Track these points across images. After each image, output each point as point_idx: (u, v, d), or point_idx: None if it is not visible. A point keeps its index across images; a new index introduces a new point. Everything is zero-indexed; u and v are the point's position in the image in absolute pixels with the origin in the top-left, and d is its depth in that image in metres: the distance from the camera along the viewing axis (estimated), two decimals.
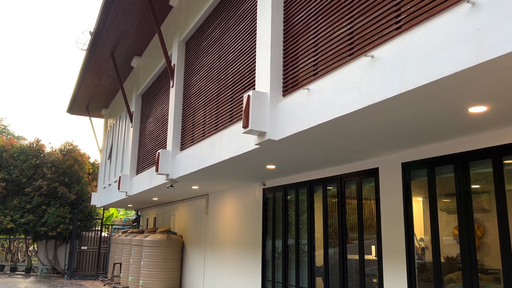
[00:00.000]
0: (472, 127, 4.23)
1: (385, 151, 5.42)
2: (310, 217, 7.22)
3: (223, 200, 10.57)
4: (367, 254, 6.09)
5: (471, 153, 4.55)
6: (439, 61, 2.98)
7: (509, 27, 2.54)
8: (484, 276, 4.78)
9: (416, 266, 5.25)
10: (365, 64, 3.71)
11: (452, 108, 3.65)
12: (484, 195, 4.77)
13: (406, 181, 5.36)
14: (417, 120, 4.04)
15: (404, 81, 3.27)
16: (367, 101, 3.63)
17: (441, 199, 5.11)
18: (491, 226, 4.69)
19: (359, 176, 6.18)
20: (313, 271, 7.03)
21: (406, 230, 5.27)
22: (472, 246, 4.49)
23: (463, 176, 4.63)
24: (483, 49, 2.68)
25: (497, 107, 3.57)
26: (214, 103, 7.20)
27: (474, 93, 3.26)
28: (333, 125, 4.24)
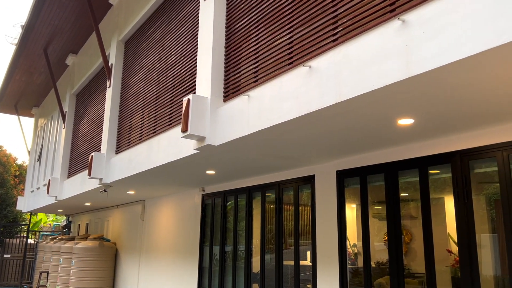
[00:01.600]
0: (401, 138, 4.47)
1: (321, 159, 5.57)
2: (249, 223, 7.24)
3: (160, 206, 10.31)
4: (303, 260, 6.20)
5: (400, 162, 4.80)
6: (371, 74, 3.11)
7: (434, 45, 2.71)
8: (410, 280, 5.05)
9: (348, 271, 5.43)
10: (303, 74, 3.79)
11: (383, 120, 3.83)
12: (412, 202, 5.04)
13: (340, 188, 5.54)
14: (351, 130, 4.19)
15: (339, 92, 3.37)
16: (304, 109, 3.71)
17: (373, 206, 5.34)
18: (418, 232, 4.96)
19: (297, 183, 6.30)
20: (250, 277, 7.03)
21: (340, 236, 5.44)
22: (400, 251, 4.72)
23: (393, 185, 4.87)
24: (411, 64, 2.84)
25: (423, 119, 3.79)
26: (153, 105, 7.01)
27: (402, 106, 3.43)
28: (272, 132, 4.29)
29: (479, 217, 6.07)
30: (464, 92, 3.10)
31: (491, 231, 4.66)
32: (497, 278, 4.43)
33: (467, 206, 4.13)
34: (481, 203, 5.97)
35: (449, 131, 4.14)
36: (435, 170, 4.63)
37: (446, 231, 5.15)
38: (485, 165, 4.18)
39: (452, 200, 4.31)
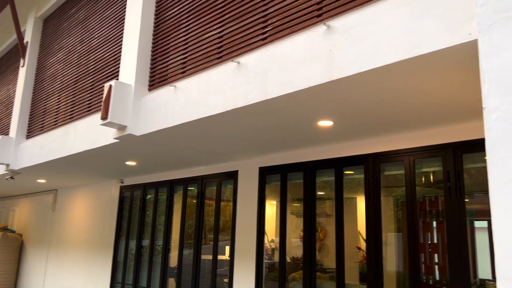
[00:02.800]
0: (320, 139, 4.66)
1: (246, 155, 5.64)
2: (168, 218, 7.11)
3: (74, 196, 9.73)
4: (221, 255, 6.23)
5: (318, 162, 5.01)
6: (296, 75, 3.21)
7: (355, 52, 2.86)
8: (322, 275, 5.30)
9: (265, 266, 5.57)
10: (231, 69, 3.80)
11: (305, 120, 3.97)
12: (328, 201, 5.30)
13: (262, 184, 5.65)
14: (275, 128, 4.28)
15: (265, 90, 3.43)
16: (231, 105, 3.72)
17: (292, 203, 5.52)
18: (332, 229, 5.22)
19: (220, 178, 6.31)
20: (166, 272, 6.91)
21: (258, 231, 5.55)
22: (314, 247, 4.93)
23: (311, 183, 5.07)
24: (333, 68, 2.97)
25: (341, 122, 3.99)
26: (71, 89, 6.59)
27: (323, 108, 3.59)
28: (197, 125, 4.24)
29: (387, 217, 6.54)
30: (379, 99, 3.32)
31: (396, 230, 5.04)
32: (399, 273, 4.81)
33: (376, 206, 4.43)
34: (390, 204, 6.44)
35: (364, 135, 4.41)
36: (350, 171, 4.91)
37: (357, 229, 5.49)
38: (394, 168, 4.51)
39: (363, 200, 4.59)
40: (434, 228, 4.85)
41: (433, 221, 4.76)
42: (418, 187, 4.24)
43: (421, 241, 6.17)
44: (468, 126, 3.85)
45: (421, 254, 6.16)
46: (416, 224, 4.17)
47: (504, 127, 1.97)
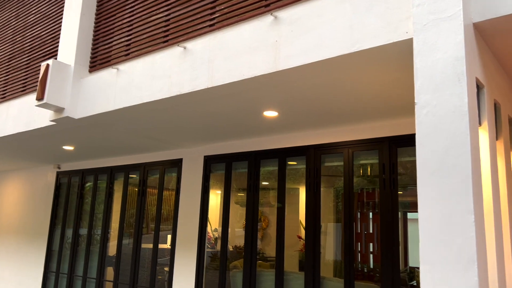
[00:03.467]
0: (265, 129, 4.72)
1: (191, 143, 5.57)
2: (108, 206, 6.88)
3: (5, 182, 9.14)
4: (163, 244, 6.15)
5: (263, 152, 5.07)
6: (243, 63, 3.21)
7: (300, 44, 2.91)
8: (263, 263, 5.40)
9: (207, 255, 5.57)
10: (177, 54, 3.72)
11: (251, 110, 3.99)
12: (272, 191, 5.38)
13: (206, 173, 5.63)
14: (221, 117, 4.27)
15: (211, 77, 3.40)
16: (175, 90, 3.65)
17: (237, 193, 5.54)
18: (274, 219, 5.31)
19: (163, 165, 6.20)
20: (104, 260, 6.71)
21: (201, 220, 5.53)
22: (255, 236, 5.00)
23: (255, 173, 5.12)
24: (279, 59, 3.00)
25: (286, 113, 4.06)
26: (4, 67, 6.15)
27: (269, 98, 3.62)
28: (140, 110, 4.13)
29: (328, 207, 6.77)
30: (322, 91, 3.40)
31: (336, 221, 5.23)
32: (337, 262, 5.01)
33: (316, 196, 4.56)
34: (331, 195, 6.67)
35: (307, 126, 4.51)
36: (293, 161, 5.01)
37: (298, 219, 5.63)
38: (334, 160, 4.66)
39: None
40: (371, 218, 5.09)
41: (370, 212, 5.00)
42: (357, 179, 4.43)
43: (358, 231, 6.45)
44: (404, 121, 4.06)
45: (358, 243, 6.45)
46: (352, 214, 4.34)
47: (433, 121, 2.10)
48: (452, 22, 2.12)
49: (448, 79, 2.08)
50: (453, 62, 2.08)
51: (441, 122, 2.07)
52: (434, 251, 1.99)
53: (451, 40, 2.10)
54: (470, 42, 2.19)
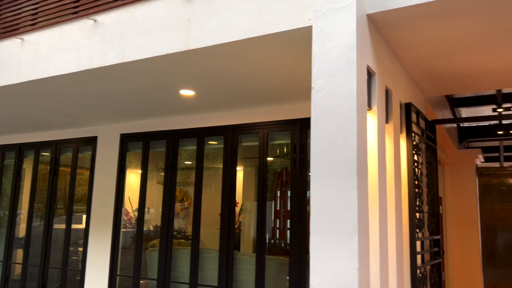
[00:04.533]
0: (184, 108, 4.71)
1: (106, 120, 5.40)
2: (16, 185, 6.47)
3: None
4: (78, 224, 5.95)
5: (181, 131, 5.06)
6: (155, 40, 3.17)
7: (212, 24, 2.94)
8: (185, 242, 5.45)
9: (127, 235, 5.51)
10: (87, 27, 3.57)
11: (167, 88, 3.96)
12: (193, 170, 5.41)
13: (123, 152, 5.50)
14: (136, 94, 4.18)
15: (122, 52, 3.32)
16: (85, 64, 3.52)
17: (159, 173, 5.49)
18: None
19: (77, 143, 5.94)
20: (12, 242, 6.34)
21: (117, 200, 5.42)
22: (171, 215, 5.02)
23: (173, 152, 5.11)
24: (191, 38, 3.01)
25: (202, 93, 4.09)
26: None
27: (184, 77, 3.62)
28: (48, 84, 3.92)
29: (248, 186, 6.95)
30: (235, 73, 3.47)
31: (255, 199, 5.39)
32: (254, 238, 5.20)
33: (232, 175, 4.68)
34: (251, 174, 6.84)
35: (224, 106, 4.58)
36: (213, 141, 5.08)
37: (220, 198, 5.72)
38: (250, 140, 4.80)
39: None
40: (289, 196, 5.33)
41: (288, 190, 5.23)
42: (277, 159, 4.60)
43: (277, 208, 6.72)
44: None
45: (276, 220, 6.73)
46: (265, 192, 4.52)
47: (326, 104, 2.26)
48: (346, 12, 2.27)
49: (341, 66, 2.24)
50: (345, 50, 2.24)
51: (333, 106, 2.24)
52: (322, 223, 2.17)
53: (345, 29, 2.26)
54: (362, 31, 2.37)
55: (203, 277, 4.77)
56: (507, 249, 7.57)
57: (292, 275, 4.12)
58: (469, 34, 2.74)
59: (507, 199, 7.71)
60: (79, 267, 5.67)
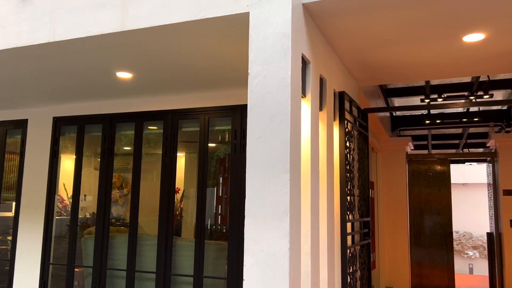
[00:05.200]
0: (121, 91, 4.57)
1: (37, 102, 5.11)
2: None
3: None
4: (8, 212, 5.63)
5: (118, 115, 4.92)
6: (89, 19, 3.04)
7: (148, 5, 2.87)
8: (124, 229, 5.33)
9: (63, 223, 5.29)
10: (15, 2, 3.34)
11: (102, 70, 3.82)
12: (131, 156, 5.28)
13: (56, 136, 5.25)
14: (69, 75, 4.00)
15: (53, 31, 3.16)
16: (12, 42, 3.30)
17: (97, 158, 5.30)
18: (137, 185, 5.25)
19: (5, 126, 5.58)
20: None
21: (49, 186, 5.19)
22: (108, 201, 4.89)
23: (110, 137, 4.96)
24: (127, 18, 2.93)
25: (141, 76, 3.99)
26: None
27: (120, 58, 3.52)
28: None
29: (191, 172, 6.91)
30: (174, 56, 3.43)
31: (196, 185, 5.37)
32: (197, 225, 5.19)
33: (172, 161, 4.64)
34: (193, 160, 6.81)
35: (164, 90, 4.51)
36: (153, 126, 4.98)
37: None
38: (191, 125, 4.77)
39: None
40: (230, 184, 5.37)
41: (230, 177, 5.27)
42: (217, 145, 4.61)
43: (219, 194, 6.75)
44: None
45: (219, 206, 6.77)
46: (206, 179, 4.54)
47: (262, 91, 2.31)
48: (282, 1, 2.32)
49: (276, 53, 2.30)
50: (281, 37, 2.30)
51: (268, 92, 2.29)
52: (257, 205, 2.24)
53: (280, 17, 2.32)
54: (298, 20, 2.43)
55: (142, 263, 4.72)
56: (431, 230, 8.19)
57: (230, 259, 4.20)
58: (399, 26, 2.90)
59: (433, 184, 8.31)
60: (8, 257, 5.38)
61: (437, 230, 8.15)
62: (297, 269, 2.27)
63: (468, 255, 16.22)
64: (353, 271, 3.50)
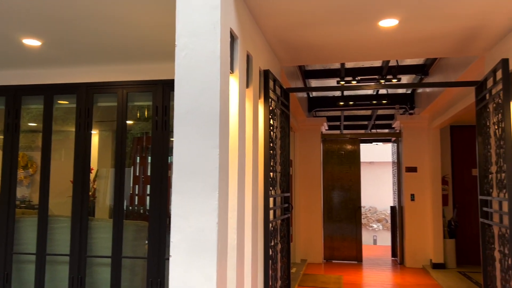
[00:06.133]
0: (28, 60, 4.16)
1: None
2: None
3: None
4: None
5: (25, 87, 4.48)
6: None
7: None
8: (30, 211, 4.92)
9: None
10: None
11: (5, 35, 3.43)
12: (39, 133, 4.86)
13: None
14: None
15: None
16: None
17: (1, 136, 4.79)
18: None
19: None
20: None
21: None
22: (13, 182, 4.48)
23: (14, 111, 4.51)
24: None
25: (50, 44, 3.66)
26: None
27: (27, 23, 3.18)
28: None
29: (105, 151, 6.56)
30: (91, 23, 3.18)
31: (112, 165, 5.12)
32: (111, 205, 4.97)
33: (86, 138, 4.36)
34: (108, 139, 6.46)
35: (77, 62, 4.19)
36: (64, 100, 4.62)
37: (72, 163, 5.28)
38: (108, 100, 4.51)
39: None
40: (149, 162, 5.20)
41: (149, 156, 5.09)
42: (135, 123, 4.40)
43: (136, 173, 6.52)
44: None
45: (136, 186, 6.54)
46: (124, 158, 4.35)
47: (190, 64, 2.25)
48: None
49: (205, 25, 2.24)
50: (210, 10, 2.24)
51: (197, 66, 2.24)
52: (185, 181, 2.20)
53: None
54: None
55: (54, 246, 4.43)
56: (342, 205, 8.76)
57: (152, 238, 4.11)
58: (318, 8, 2.99)
59: (345, 162, 8.86)
60: None
61: (347, 205, 8.75)
62: (224, 243, 2.29)
63: (373, 228, 17.70)
64: (274, 244, 3.63)
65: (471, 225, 7.92)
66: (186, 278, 2.13)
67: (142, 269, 4.38)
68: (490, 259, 3.77)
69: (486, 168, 3.85)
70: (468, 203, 7.96)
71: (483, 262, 3.93)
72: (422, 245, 7.78)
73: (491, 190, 3.71)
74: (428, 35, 3.57)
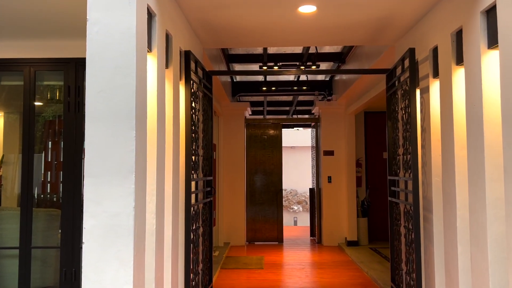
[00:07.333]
0: None
1: None
2: None
3: None
4: None
5: None
6: None
7: None
8: None
9: None
10: None
11: None
12: None
13: None
14: None
15: None
16: None
17: None
18: None
19: None
20: None
21: None
22: None
23: None
24: None
25: None
26: None
27: None
28: None
29: (11, 135, 6.02)
30: None
31: (20, 151, 4.71)
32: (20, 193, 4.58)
33: None
34: (15, 122, 5.92)
35: None
36: None
37: None
38: (13, 79, 4.12)
39: None
40: (62, 148, 4.86)
41: (62, 140, 4.75)
42: (46, 104, 4.07)
43: (48, 159, 6.07)
44: None
45: (48, 172, 6.10)
46: (33, 143, 4.02)
47: (104, 40, 2.12)
48: None
49: (120, 0, 2.12)
50: None
51: (111, 42, 2.11)
52: (99, 164, 2.09)
53: None
54: None
55: None
56: (264, 189, 8.96)
57: (65, 226, 3.87)
58: None
59: (267, 147, 9.04)
60: None
61: (269, 188, 8.97)
62: (142, 229, 2.22)
63: (294, 210, 18.40)
64: (196, 228, 3.61)
65: (382, 204, 8.55)
66: (101, 265, 2.04)
67: (55, 260, 4.13)
68: (396, 234, 4.11)
69: (395, 150, 4.16)
70: (379, 184, 8.56)
71: (391, 237, 4.27)
72: (338, 224, 8.25)
73: (399, 170, 4.02)
74: (344, 24, 3.72)
